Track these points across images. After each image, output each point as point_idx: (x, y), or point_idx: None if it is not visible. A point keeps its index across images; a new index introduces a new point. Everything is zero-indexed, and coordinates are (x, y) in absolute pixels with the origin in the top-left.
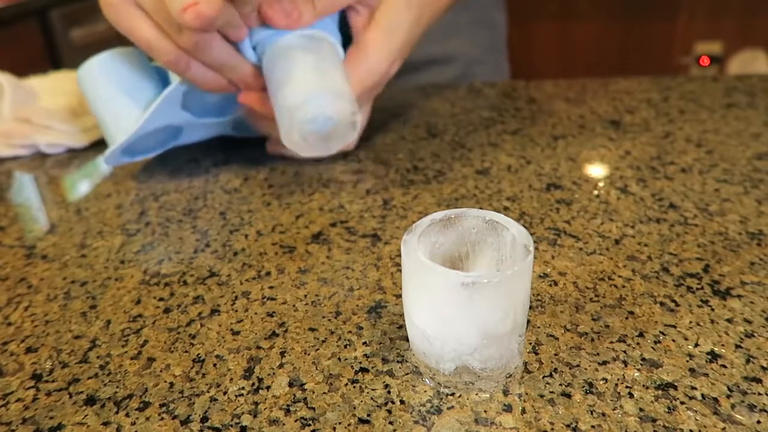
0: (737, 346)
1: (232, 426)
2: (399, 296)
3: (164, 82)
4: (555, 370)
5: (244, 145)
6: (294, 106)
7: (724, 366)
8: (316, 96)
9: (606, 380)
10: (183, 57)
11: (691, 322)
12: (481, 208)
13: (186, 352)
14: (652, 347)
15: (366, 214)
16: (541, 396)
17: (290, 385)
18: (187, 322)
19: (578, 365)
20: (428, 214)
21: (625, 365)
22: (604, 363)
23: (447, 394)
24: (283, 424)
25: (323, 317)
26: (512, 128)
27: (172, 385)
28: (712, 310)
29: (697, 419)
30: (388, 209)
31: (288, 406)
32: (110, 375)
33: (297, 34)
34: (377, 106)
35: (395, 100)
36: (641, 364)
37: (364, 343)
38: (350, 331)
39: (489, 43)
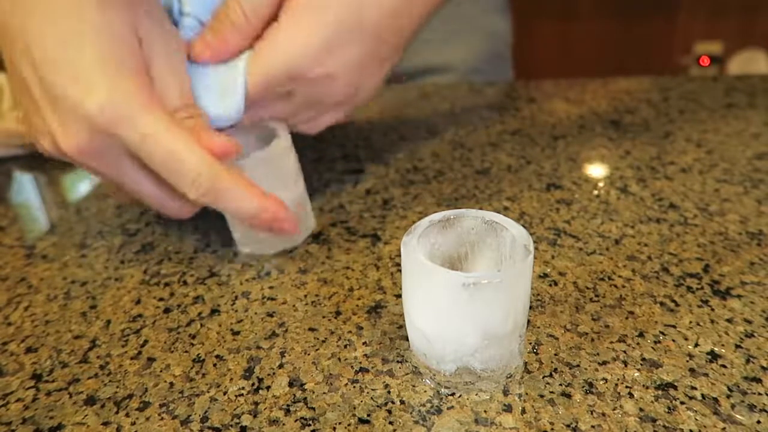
0: (737, 346)
1: (232, 426)
2: (399, 296)
3: None
4: (555, 370)
5: None
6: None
7: (724, 366)
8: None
9: (606, 380)
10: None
11: (691, 322)
12: (480, 208)
13: (186, 352)
14: (652, 347)
15: (366, 214)
16: (541, 396)
17: (290, 385)
18: (187, 322)
19: (578, 365)
20: (428, 214)
21: (625, 365)
22: (604, 363)
23: (447, 395)
24: (283, 424)
25: (323, 317)
26: (512, 128)
27: (172, 385)
28: (712, 310)
29: (697, 419)
30: (388, 209)
31: (288, 406)
32: (110, 375)
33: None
34: (377, 107)
35: (395, 100)
36: (641, 364)
37: (364, 343)
38: (350, 331)
39: (489, 51)
